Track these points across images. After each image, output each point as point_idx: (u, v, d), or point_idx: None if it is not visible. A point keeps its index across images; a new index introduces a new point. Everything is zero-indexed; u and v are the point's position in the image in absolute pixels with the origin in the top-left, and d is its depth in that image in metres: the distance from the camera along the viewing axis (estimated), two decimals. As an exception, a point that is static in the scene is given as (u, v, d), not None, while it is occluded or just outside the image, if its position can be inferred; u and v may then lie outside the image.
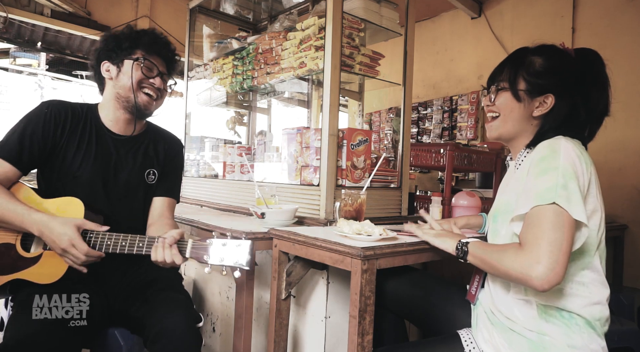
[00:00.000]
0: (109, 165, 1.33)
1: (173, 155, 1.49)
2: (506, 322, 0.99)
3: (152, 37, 1.35)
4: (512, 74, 1.07)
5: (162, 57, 1.37)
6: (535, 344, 0.94)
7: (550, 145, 0.96)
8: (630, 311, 2.17)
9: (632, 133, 2.55)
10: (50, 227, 1.11)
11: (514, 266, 0.88)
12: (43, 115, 1.25)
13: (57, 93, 7.25)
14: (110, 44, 1.32)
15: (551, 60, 1.06)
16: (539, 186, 0.91)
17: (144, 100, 1.34)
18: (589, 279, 0.97)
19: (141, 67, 1.31)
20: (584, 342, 0.93)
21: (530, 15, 3.09)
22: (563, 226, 0.86)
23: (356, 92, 2.43)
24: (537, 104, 1.05)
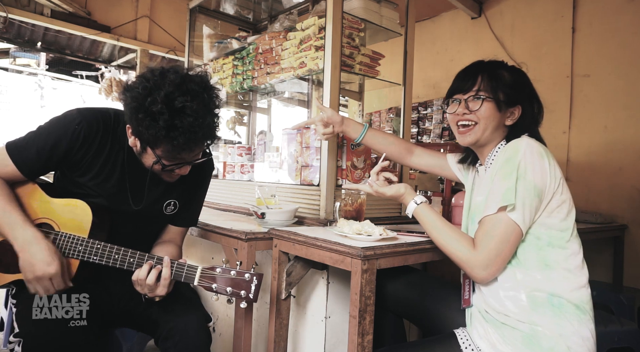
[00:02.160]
0: (127, 194, 1.22)
1: (199, 184, 1.36)
2: (499, 318, 1.03)
3: (187, 135, 1.04)
4: (493, 85, 1.13)
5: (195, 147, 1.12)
6: (528, 336, 0.98)
7: (514, 145, 1.07)
8: (631, 311, 2.17)
9: (632, 133, 2.55)
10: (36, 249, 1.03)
11: (463, 259, 1.05)
12: (72, 131, 1.12)
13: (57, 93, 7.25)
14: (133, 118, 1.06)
15: (516, 74, 1.17)
16: (502, 187, 1.02)
17: (166, 177, 1.20)
18: (573, 265, 1.04)
19: (162, 167, 1.13)
20: (574, 328, 0.98)
21: (531, 15, 3.09)
22: (510, 238, 1.01)
23: (356, 92, 2.43)
24: (509, 114, 1.16)
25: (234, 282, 1.09)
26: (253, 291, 1.09)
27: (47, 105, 7.28)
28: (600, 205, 2.65)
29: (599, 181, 2.68)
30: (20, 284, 1.15)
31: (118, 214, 1.22)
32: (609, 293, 2.26)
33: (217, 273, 1.10)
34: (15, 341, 1.02)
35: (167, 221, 1.34)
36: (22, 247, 1.04)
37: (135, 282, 1.10)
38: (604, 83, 2.68)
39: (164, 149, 1.09)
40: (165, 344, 1.13)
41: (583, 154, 2.75)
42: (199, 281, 1.09)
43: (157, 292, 1.10)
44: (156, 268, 1.10)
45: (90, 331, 1.10)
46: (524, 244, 1.04)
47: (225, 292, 1.09)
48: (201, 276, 1.10)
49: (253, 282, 1.09)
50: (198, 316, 1.17)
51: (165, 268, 1.09)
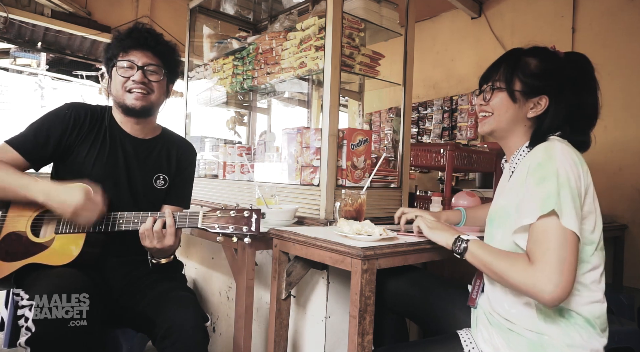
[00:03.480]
0: (119, 167, 1.35)
1: (186, 164, 1.49)
2: (505, 323, 1.00)
3: (129, 31, 1.31)
4: (509, 74, 1.07)
5: (143, 48, 1.31)
6: (534, 344, 0.95)
7: (546, 149, 0.98)
8: (631, 311, 2.17)
9: (632, 133, 2.55)
10: (58, 190, 1.15)
11: (525, 282, 0.89)
12: (63, 115, 1.29)
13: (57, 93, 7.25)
14: (104, 54, 1.34)
15: (546, 62, 1.07)
16: (539, 194, 0.91)
17: (131, 100, 1.31)
18: (590, 280, 0.97)
19: (119, 71, 1.30)
20: (583, 341, 0.93)
21: (531, 15, 3.09)
22: (567, 243, 0.88)
23: (356, 92, 2.43)
24: (532, 105, 1.06)
25: (235, 219, 1.19)
26: (254, 225, 1.18)
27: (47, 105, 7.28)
28: (600, 205, 2.64)
29: (599, 181, 2.64)
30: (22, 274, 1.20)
31: (114, 195, 1.31)
32: (609, 293, 2.25)
33: (218, 214, 1.20)
34: (27, 304, 1.06)
35: (159, 197, 1.42)
36: (46, 197, 1.15)
37: (143, 235, 1.20)
38: (604, 83, 2.67)
39: (120, 55, 1.30)
40: (162, 344, 1.13)
41: (583, 154, 2.75)
42: (202, 223, 1.19)
43: (165, 242, 1.20)
44: (160, 219, 1.20)
45: (90, 331, 1.10)
46: None
47: (228, 229, 1.18)
48: (204, 218, 1.19)
49: (253, 217, 1.18)
50: (195, 315, 1.17)
51: (168, 217, 1.20)
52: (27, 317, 1.03)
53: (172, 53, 1.40)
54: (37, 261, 1.19)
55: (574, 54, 1.09)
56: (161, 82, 1.35)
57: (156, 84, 1.34)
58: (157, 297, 1.23)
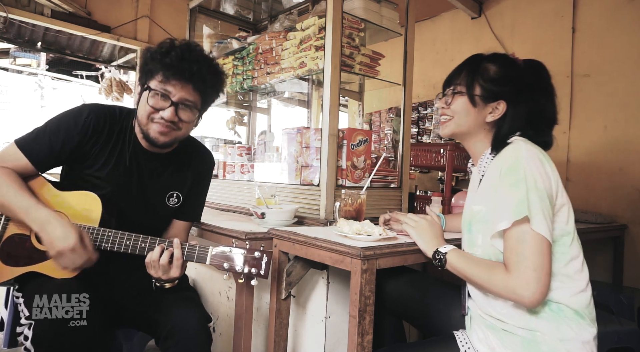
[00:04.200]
0: (133, 182, 1.28)
1: (201, 179, 1.42)
2: (498, 324, 1.02)
3: (176, 54, 1.14)
4: (469, 80, 1.11)
5: (185, 79, 1.16)
6: (528, 341, 0.97)
7: (513, 151, 1.01)
8: (631, 311, 2.16)
9: (632, 133, 2.55)
10: (54, 226, 1.07)
11: (505, 289, 0.94)
12: (82, 123, 1.19)
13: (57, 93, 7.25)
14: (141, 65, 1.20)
15: (505, 68, 1.10)
16: (512, 200, 0.95)
17: (155, 133, 1.20)
18: (573, 270, 1.01)
19: (151, 98, 1.17)
20: (573, 334, 0.96)
21: (531, 15, 3.09)
22: (540, 248, 0.93)
23: (356, 92, 2.43)
24: (490, 109, 1.10)
25: (245, 260, 1.15)
26: (264, 268, 1.14)
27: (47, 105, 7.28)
28: (600, 205, 2.65)
29: (599, 181, 2.68)
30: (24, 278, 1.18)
31: (124, 208, 1.27)
32: (609, 293, 2.26)
33: (228, 252, 1.15)
34: (26, 323, 1.04)
35: (170, 214, 1.38)
36: (40, 228, 1.09)
37: (149, 265, 1.16)
38: (604, 83, 2.68)
39: (156, 78, 1.16)
40: (165, 344, 1.13)
41: (583, 154, 2.75)
42: (211, 260, 1.15)
43: (171, 273, 1.16)
44: (168, 250, 1.16)
45: (91, 331, 1.10)
46: None
47: (236, 270, 1.14)
48: (213, 256, 1.15)
49: (263, 259, 1.15)
50: (199, 316, 1.18)
51: (176, 249, 1.15)
52: (27, 336, 1.02)
53: (215, 90, 1.26)
54: (39, 270, 1.16)
55: (531, 61, 1.14)
56: (192, 118, 1.24)
57: (186, 123, 1.23)
58: (161, 297, 1.23)
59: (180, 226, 1.41)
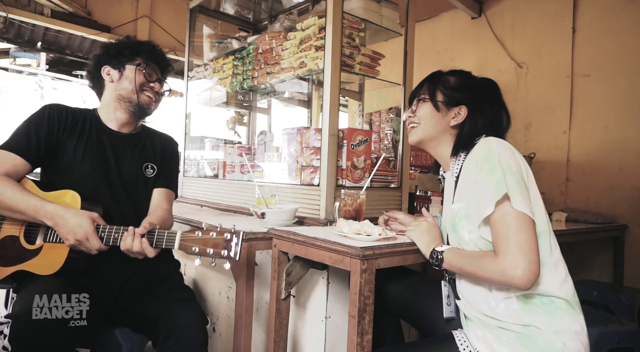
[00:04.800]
0: (108, 160, 1.39)
1: (169, 153, 1.57)
2: (492, 322, 1.04)
3: (151, 46, 1.48)
4: (432, 88, 1.22)
5: (159, 64, 1.48)
6: (524, 336, 0.99)
7: (484, 143, 1.08)
8: (631, 311, 2.16)
9: (632, 133, 2.55)
10: (66, 218, 1.15)
11: (495, 273, 0.96)
12: (46, 115, 1.33)
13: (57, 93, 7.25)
14: (111, 51, 1.42)
15: (463, 79, 1.23)
16: (490, 184, 1.00)
17: (145, 100, 1.44)
18: (554, 259, 1.04)
19: (143, 72, 1.42)
20: (566, 325, 0.99)
21: (531, 15, 3.09)
22: (523, 226, 0.96)
23: (356, 92, 2.43)
24: (453, 114, 1.19)
25: (215, 242, 1.10)
26: (234, 249, 1.09)
27: (48, 105, 7.26)
28: (600, 205, 2.65)
29: (599, 181, 2.67)
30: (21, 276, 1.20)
31: (105, 186, 1.34)
32: (609, 293, 2.26)
33: (197, 235, 1.12)
34: (5, 321, 1.04)
35: (150, 184, 1.47)
36: (55, 223, 1.15)
37: (127, 252, 1.17)
38: (604, 83, 2.68)
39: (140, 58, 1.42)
40: (163, 345, 1.13)
41: (583, 154, 2.75)
42: (179, 245, 1.13)
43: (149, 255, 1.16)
44: (137, 238, 1.15)
45: (91, 331, 1.10)
46: None
47: (206, 253, 1.10)
48: (181, 240, 1.13)
49: (233, 240, 1.10)
50: (196, 317, 1.17)
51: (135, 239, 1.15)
52: (6, 334, 1.03)
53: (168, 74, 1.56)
54: (26, 268, 1.19)
55: (486, 79, 1.26)
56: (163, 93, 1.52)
57: (161, 96, 1.51)
58: (157, 297, 1.23)
59: (160, 194, 1.48)
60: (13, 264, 1.19)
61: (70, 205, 1.23)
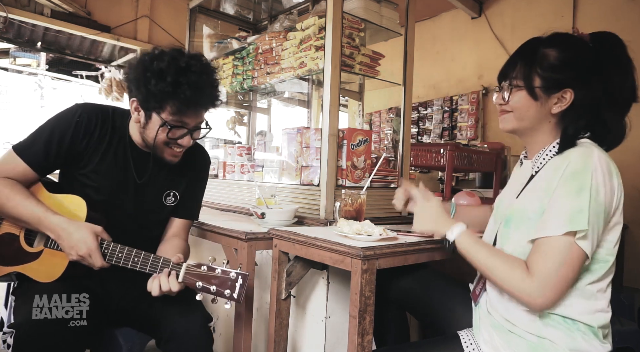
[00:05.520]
0: (129, 182, 1.28)
1: (197, 177, 1.42)
2: (506, 325, 0.99)
3: (189, 95, 1.12)
4: (526, 71, 0.98)
5: (197, 109, 1.19)
6: (535, 347, 0.94)
7: (582, 156, 0.91)
8: (631, 311, 2.16)
9: (633, 133, 2.50)
10: (69, 232, 1.10)
11: (520, 290, 0.90)
12: (74, 123, 1.19)
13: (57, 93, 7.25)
14: (141, 86, 1.14)
15: (566, 51, 0.97)
16: (569, 207, 0.87)
17: (169, 154, 1.25)
18: (596, 289, 0.95)
19: (168, 130, 1.18)
20: (588, 346, 0.92)
21: (531, 15, 3.09)
22: (575, 265, 0.88)
23: (356, 92, 2.43)
24: (555, 100, 0.98)
25: (219, 280, 1.07)
26: (237, 291, 1.07)
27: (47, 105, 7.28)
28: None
29: None
30: (20, 277, 1.18)
31: (122, 209, 1.27)
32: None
33: (202, 271, 1.09)
34: (8, 331, 1.03)
35: (168, 212, 1.37)
36: (58, 236, 1.11)
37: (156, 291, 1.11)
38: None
39: (169, 110, 1.15)
40: (167, 346, 1.12)
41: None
42: (183, 278, 1.09)
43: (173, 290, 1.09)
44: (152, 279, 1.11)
45: (91, 331, 1.10)
46: None
47: (209, 291, 1.07)
48: (186, 273, 1.09)
49: (238, 281, 1.07)
50: (200, 317, 1.17)
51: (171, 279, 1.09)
52: (10, 344, 1.01)
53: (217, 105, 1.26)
54: (24, 271, 1.16)
55: (600, 34, 1.00)
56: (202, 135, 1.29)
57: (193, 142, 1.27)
58: (162, 298, 1.21)
59: (179, 224, 1.38)
60: (10, 264, 1.17)
61: (75, 212, 1.18)
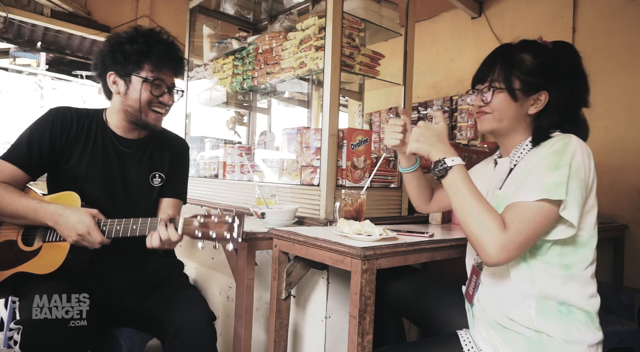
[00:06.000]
0: (114, 168, 1.34)
1: (179, 159, 1.49)
2: (503, 322, 1.00)
3: (160, 48, 1.28)
4: (506, 74, 1.06)
5: (170, 68, 1.33)
6: (534, 342, 0.95)
7: (564, 140, 0.98)
8: (631, 311, 2.16)
9: (633, 133, 2.55)
10: (66, 216, 1.14)
11: (486, 239, 0.91)
12: (50, 122, 1.27)
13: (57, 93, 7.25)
14: (116, 55, 1.27)
15: (540, 56, 1.06)
16: (548, 179, 0.91)
17: (152, 118, 1.33)
18: (590, 273, 1.00)
19: (150, 86, 1.28)
20: (581, 336, 0.95)
21: (531, 15, 3.09)
22: (544, 226, 0.92)
23: (356, 92, 2.43)
24: (532, 101, 1.06)
25: (217, 226, 1.11)
26: (236, 231, 1.10)
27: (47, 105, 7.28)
28: (600, 205, 2.58)
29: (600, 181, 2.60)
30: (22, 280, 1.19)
31: (112, 195, 1.32)
32: (609, 293, 2.26)
33: (199, 220, 1.13)
34: (15, 328, 1.04)
35: (157, 194, 1.42)
36: (55, 222, 1.15)
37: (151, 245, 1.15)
38: (604, 83, 2.68)
39: (148, 68, 1.28)
40: (172, 344, 1.12)
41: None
42: (182, 230, 1.13)
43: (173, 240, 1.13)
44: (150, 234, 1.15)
45: (90, 331, 1.10)
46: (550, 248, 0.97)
47: (210, 236, 1.11)
48: (185, 225, 1.13)
49: (235, 222, 1.11)
50: (204, 314, 1.18)
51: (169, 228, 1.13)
52: (16, 340, 1.03)
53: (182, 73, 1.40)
54: (24, 269, 1.18)
55: (561, 43, 1.11)
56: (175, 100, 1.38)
57: (170, 107, 1.38)
58: (165, 296, 1.23)
59: (168, 203, 1.43)
60: (11, 267, 1.18)
61: (70, 205, 1.22)
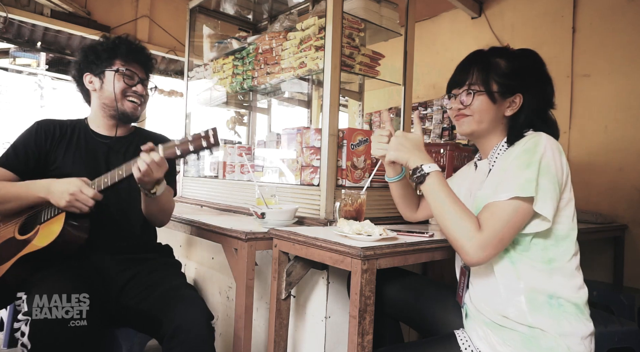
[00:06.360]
0: (99, 163, 1.41)
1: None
2: (498, 320, 1.02)
3: (128, 46, 1.43)
4: (484, 77, 1.11)
5: (140, 63, 1.46)
6: (528, 337, 0.98)
7: (534, 139, 1.03)
8: (631, 311, 2.16)
9: (632, 133, 2.55)
10: (57, 182, 1.22)
11: (464, 240, 0.97)
12: (34, 130, 1.38)
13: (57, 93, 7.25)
14: (89, 57, 1.41)
15: (513, 61, 1.12)
16: (520, 177, 0.96)
17: (129, 107, 1.43)
18: (575, 265, 1.04)
19: (122, 77, 1.40)
20: (572, 328, 0.98)
21: (531, 15, 3.09)
22: (519, 223, 0.97)
23: (356, 92, 2.43)
24: (508, 104, 1.12)
25: (193, 140, 1.20)
26: (212, 139, 1.19)
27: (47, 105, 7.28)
28: (600, 205, 2.65)
29: (599, 181, 2.67)
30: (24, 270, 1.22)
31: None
32: (609, 293, 2.26)
33: (177, 142, 1.21)
34: (23, 319, 1.06)
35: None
36: (47, 191, 1.22)
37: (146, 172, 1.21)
38: (604, 83, 2.68)
39: (119, 62, 1.40)
40: (170, 343, 1.13)
41: (583, 154, 2.75)
42: (164, 153, 1.20)
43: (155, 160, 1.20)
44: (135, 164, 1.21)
45: (90, 331, 1.10)
46: (531, 243, 1.01)
47: (189, 150, 1.20)
48: (165, 148, 1.21)
49: (209, 133, 1.19)
50: (202, 314, 1.18)
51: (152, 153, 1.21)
52: (24, 332, 1.04)
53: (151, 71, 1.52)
54: (24, 252, 1.21)
55: (527, 50, 1.16)
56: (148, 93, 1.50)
57: (147, 97, 1.49)
58: (163, 295, 1.23)
59: None
60: (13, 256, 1.21)
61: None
